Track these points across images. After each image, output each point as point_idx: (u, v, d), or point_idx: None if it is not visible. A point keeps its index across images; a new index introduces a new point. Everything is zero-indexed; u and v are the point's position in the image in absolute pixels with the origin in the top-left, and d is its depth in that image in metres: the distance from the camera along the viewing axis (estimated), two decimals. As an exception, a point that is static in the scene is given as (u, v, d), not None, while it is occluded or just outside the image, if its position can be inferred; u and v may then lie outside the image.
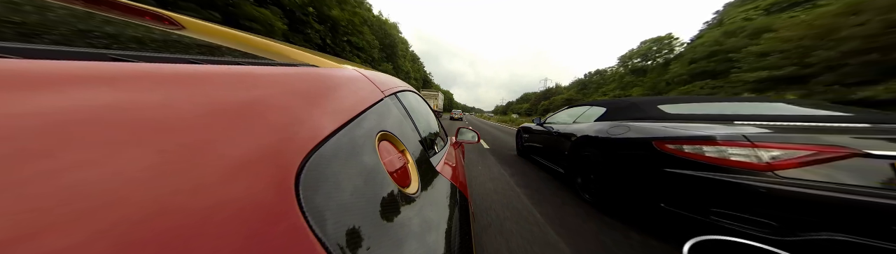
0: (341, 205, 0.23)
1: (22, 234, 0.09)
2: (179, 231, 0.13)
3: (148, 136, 0.14)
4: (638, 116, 2.05)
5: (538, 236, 1.51)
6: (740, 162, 1.18)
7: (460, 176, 0.81)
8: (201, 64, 0.24)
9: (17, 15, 0.30)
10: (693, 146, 1.34)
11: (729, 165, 1.20)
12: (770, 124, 1.43)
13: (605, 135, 1.98)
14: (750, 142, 1.17)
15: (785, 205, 1.06)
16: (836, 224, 0.99)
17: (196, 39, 0.46)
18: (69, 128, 0.12)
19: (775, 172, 1.11)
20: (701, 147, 1.31)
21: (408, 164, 0.44)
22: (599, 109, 2.64)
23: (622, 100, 2.56)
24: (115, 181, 0.12)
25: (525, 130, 4.27)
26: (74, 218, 0.10)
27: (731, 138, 1.22)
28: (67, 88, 0.14)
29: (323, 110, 0.29)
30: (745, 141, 1.18)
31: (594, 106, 2.82)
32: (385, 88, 0.54)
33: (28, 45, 0.18)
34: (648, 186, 1.53)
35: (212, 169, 0.15)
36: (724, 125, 1.45)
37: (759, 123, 1.46)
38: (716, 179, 1.21)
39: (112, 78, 0.16)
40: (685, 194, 1.35)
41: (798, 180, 1.07)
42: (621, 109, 2.34)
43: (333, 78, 0.38)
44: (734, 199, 1.17)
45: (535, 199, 2.17)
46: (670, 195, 1.41)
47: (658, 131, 1.57)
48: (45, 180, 0.11)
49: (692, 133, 1.37)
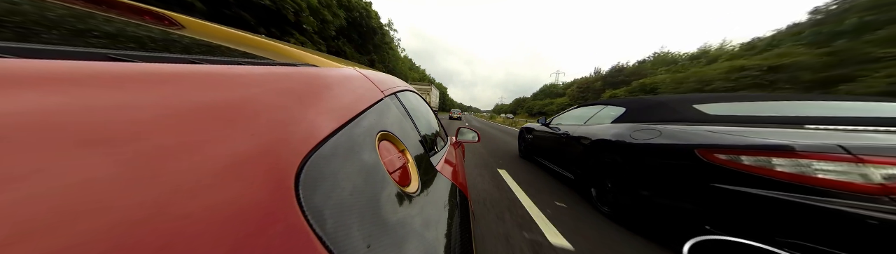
0: (341, 204, 0.23)
1: (21, 235, 0.09)
2: (179, 232, 0.13)
3: (148, 136, 0.14)
4: (669, 118, 1.72)
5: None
6: (836, 182, 0.88)
7: (460, 175, 0.81)
8: (201, 64, 0.24)
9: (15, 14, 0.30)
10: (756, 158, 1.04)
11: (817, 185, 0.91)
12: (869, 130, 1.09)
13: (629, 140, 1.68)
14: (851, 155, 0.87)
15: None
16: None
17: (196, 39, 0.46)
18: (68, 128, 0.12)
19: (893, 196, 0.82)
20: (770, 159, 1.00)
21: (408, 163, 0.44)
22: (617, 108, 2.31)
23: (645, 99, 2.20)
24: (115, 181, 0.12)
25: (528, 131, 4.03)
26: (74, 218, 0.10)
27: (821, 149, 0.92)
28: (66, 87, 0.14)
29: (323, 110, 0.29)
30: (843, 153, 0.88)
31: (610, 105, 2.50)
32: (385, 88, 0.54)
33: (26, 45, 0.18)
34: (688, 204, 1.25)
35: (211, 169, 0.15)
36: (795, 130, 1.17)
37: (850, 129, 1.14)
38: (797, 202, 0.92)
39: (111, 78, 0.16)
40: (742, 217, 1.07)
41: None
42: (646, 108, 2.01)
43: (333, 78, 0.38)
44: (822, 229, 0.89)
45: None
46: (720, 217, 1.14)
47: (701, 137, 1.27)
48: (44, 181, 0.10)
49: (756, 141, 1.07)
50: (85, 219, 0.11)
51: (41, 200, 0.10)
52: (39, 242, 0.09)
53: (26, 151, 0.11)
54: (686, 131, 1.39)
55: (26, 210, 0.10)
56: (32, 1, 0.38)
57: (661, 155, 1.44)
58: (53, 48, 0.20)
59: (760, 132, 1.16)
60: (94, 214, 0.11)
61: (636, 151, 1.60)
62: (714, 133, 1.25)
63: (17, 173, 0.10)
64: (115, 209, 0.11)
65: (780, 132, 1.13)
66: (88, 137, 0.12)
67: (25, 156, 0.11)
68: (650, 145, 1.51)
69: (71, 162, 0.11)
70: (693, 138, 1.30)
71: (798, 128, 1.22)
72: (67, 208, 0.10)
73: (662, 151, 1.43)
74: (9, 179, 0.10)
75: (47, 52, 0.19)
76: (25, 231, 0.09)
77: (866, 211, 0.82)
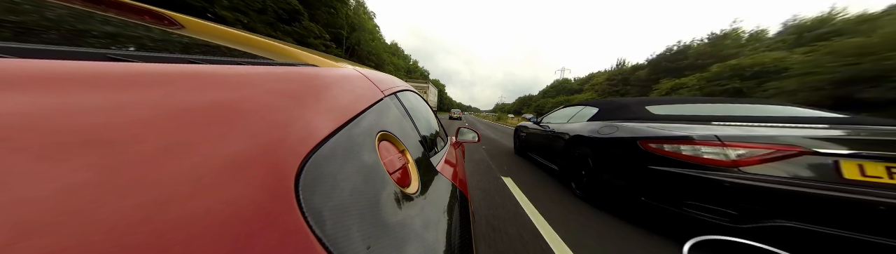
0: (341, 205, 0.23)
1: (21, 235, 0.09)
2: (179, 232, 0.13)
3: (147, 136, 0.14)
4: (628, 117, 2.17)
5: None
6: (711, 159, 1.33)
7: (460, 176, 0.81)
8: (201, 64, 0.24)
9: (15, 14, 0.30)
10: (672, 145, 1.48)
11: (701, 163, 1.35)
12: (742, 125, 1.57)
13: (596, 134, 2.10)
14: (720, 141, 1.33)
15: (745, 197, 1.22)
16: (785, 213, 1.16)
17: (195, 39, 0.46)
18: (68, 128, 0.12)
19: (740, 168, 1.27)
20: (679, 146, 1.45)
21: (408, 164, 0.44)
22: (593, 109, 2.77)
23: (614, 100, 2.72)
24: (115, 182, 0.12)
25: (522, 129, 4.44)
26: (74, 219, 0.10)
27: (705, 138, 1.37)
28: (66, 87, 0.14)
29: (322, 110, 0.28)
30: (716, 141, 1.34)
31: (588, 106, 2.94)
32: (385, 88, 0.54)
33: (25, 45, 0.18)
34: (633, 182, 1.66)
35: (211, 169, 0.15)
36: (703, 125, 1.62)
37: (733, 124, 1.61)
38: (690, 175, 1.36)
39: (110, 78, 0.16)
40: (664, 189, 1.49)
41: (757, 175, 1.23)
42: (613, 109, 2.46)
43: (333, 78, 0.38)
44: (704, 192, 1.33)
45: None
46: (651, 190, 1.56)
47: (643, 131, 1.70)
48: (44, 181, 0.10)
49: (672, 133, 1.52)
50: (85, 219, 0.11)
51: (41, 200, 0.10)
52: (39, 242, 0.09)
53: (26, 150, 0.11)
54: (635, 127, 1.82)
55: (26, 210, 0.10)
56: (32, 1, 0.37)
57: (618, 146, 1.84)
58: (53, 48, 0.20)
59: (679, 127, 1.60)
60: (93, 214, 0.11)
61: (602, 144, 2.00)
62: (650, 128, 1.70)
63: (18, 173, 0.10)
64: (114, 210, 0.11)
65: (690, 127, 1.58)
66: (87, 138, 0.12)
67: (26, 156, 0.11)
68: (612, 138, 1.92)
69: (71, 162, 0.11)
70: (638, 132, 1.74)
71: (706, 124, 1.69)
72: (67, 209, 0.10)
73: (619, 142, 1.84)
74: (9, 179, 0.10)
75: (47, 52, 0.19)
76: (25, 231, 0.09)
77: (725, 178, 1.27)
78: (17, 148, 0.11)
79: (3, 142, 0.11)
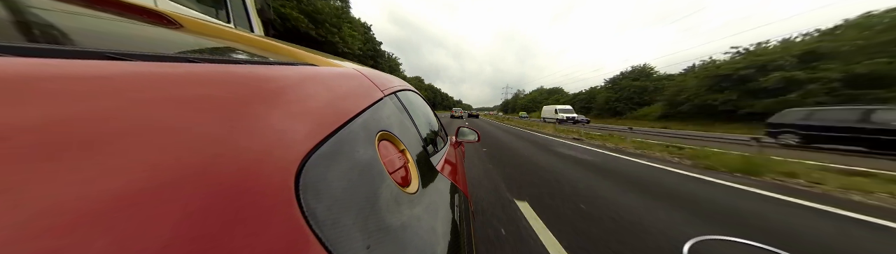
0: (341, 205, 0.23)
1: (21, 235, 0.09)
2: (179, 232, 0.13)
3: (146, 136, 0.14)
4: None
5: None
6: None
7: (460, 175, 0.81)
8: (199, 63, 0.24)
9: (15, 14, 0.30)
10: None
11: None
12: None
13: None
14: None
15: None
16: None
17: (194, 38, 0.46)
18: (66, 128, 0.12)
19: None
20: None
21: (408, 163, 0.44)
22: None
23: None
24: (114, 182, 0.12)
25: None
26: (74, 219, 0.10)
27: None
28: (65, 86, 0.14)
29: (322, 110, 0.28)
30: None
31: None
32: (385, 88, 0.54)
33: (24, 44, 0.18)
34: None
35: (210, 169, 0.15)
36: None
37: None
38: None
39: (109, 77, 0.16)
40: None
41: None
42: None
43: (332, 77, 0.37)
44: None
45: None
46: None
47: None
48: (43, 181, 0.10)
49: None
50: (85, 219, 0.11)
51: (41, 200, 0.10)
52: (40, 241, 0.09)
53: (27, 150, 0.11)
54: None
55: (26, 210, 0.10)
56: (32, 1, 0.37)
57: None
58: (52, 47, 0.20)
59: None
60: (93, 214, 0.11)
61: None
62: None
63: (18, 173, 0.10)
64: (114, 209, 0.11)
65: None
66: (87, 138, 0.12)
67: (26, 156, 0.11)
68: None
69: (70, 162, 0.11)
70: None
71: None
72: (67, 209, 0.10)
73: None
74: (9, 178, 0.10)
75: (46, 51, 0.18)
76: (26, 231, 0.09)
77: None
78: (16, 148, 0.11)
79: (3, 142, 0.10)
